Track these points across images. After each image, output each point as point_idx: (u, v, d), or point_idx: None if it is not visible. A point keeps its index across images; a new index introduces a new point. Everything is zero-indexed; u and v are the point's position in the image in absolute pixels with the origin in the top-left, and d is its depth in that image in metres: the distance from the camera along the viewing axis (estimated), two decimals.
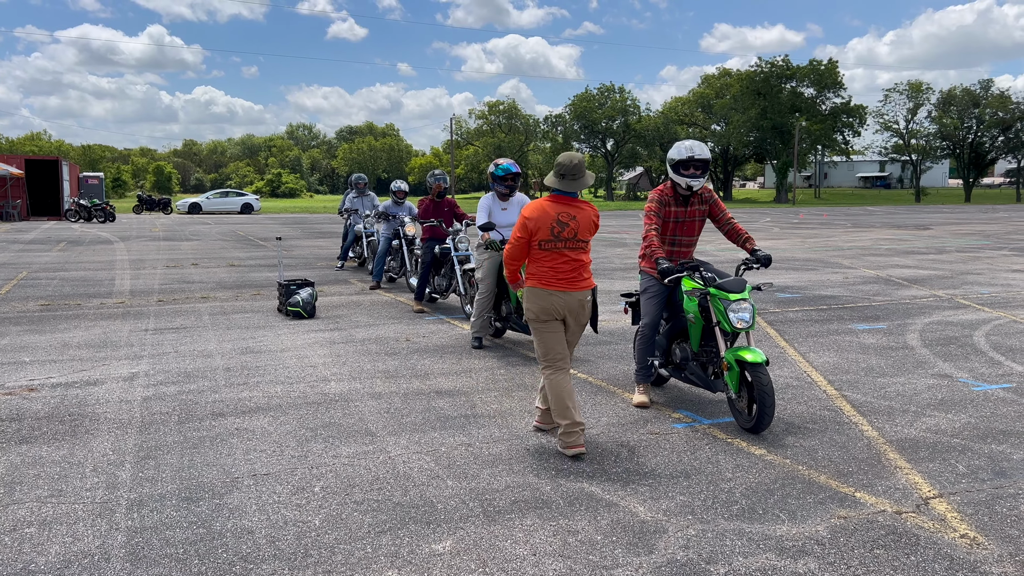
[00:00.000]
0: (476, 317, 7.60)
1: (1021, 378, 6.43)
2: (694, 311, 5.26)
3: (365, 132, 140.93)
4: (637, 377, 5.68)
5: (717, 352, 5.22)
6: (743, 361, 4.87)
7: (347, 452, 4.67)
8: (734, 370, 4.97)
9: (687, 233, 5.62)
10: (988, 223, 31.84)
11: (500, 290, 7.64)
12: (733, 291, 5.05)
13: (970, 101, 77.37)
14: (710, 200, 5.61)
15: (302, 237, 24.31)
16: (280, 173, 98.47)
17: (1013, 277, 13.27)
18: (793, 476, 4.30)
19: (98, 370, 6.67)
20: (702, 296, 5.20)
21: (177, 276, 13.58)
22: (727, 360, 5.01)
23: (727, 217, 5.62)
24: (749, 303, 5.03)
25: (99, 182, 44.79)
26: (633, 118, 79.76)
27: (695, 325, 5.31)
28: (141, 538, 3.54)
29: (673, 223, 5.57)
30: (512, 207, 7.75)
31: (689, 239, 5.65)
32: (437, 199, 9.84)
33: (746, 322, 4.99)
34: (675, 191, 5.53)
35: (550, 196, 4.75)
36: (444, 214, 9.87)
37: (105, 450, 4.69)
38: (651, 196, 5.53)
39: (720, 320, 5.07)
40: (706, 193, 5.61)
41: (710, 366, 5.33)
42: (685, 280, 5.39)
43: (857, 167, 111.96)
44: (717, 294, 5.08)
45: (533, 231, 4.65)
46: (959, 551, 3.43)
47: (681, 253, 5.67)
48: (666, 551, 3.43)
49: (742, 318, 4.99)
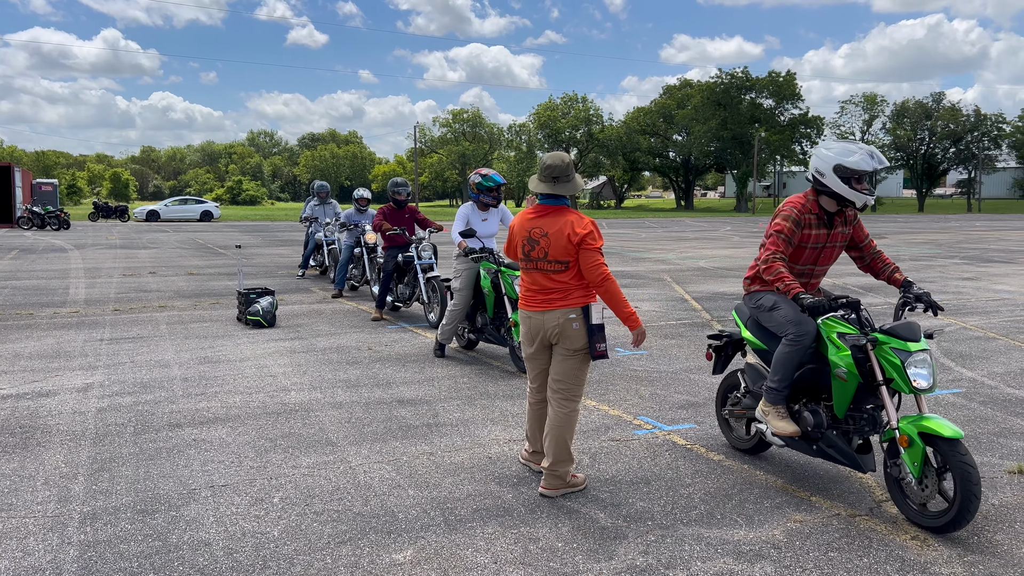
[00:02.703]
0: (447, 324, 7.46)
1: (971, 383, 6.60)
2: (848, 364, 3.97)
3: (328, 139, 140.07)
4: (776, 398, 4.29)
5: (872, 420, 4.10)
6: (934, 436, 3.66)
7: (307, 462, 4.63)
8: (917, 446, 3.73)
9: (824, 262, 4.42)
10: (940, 232, 32.67)
11: (476, 301, 7.52)
12: (911, 339, 3.86)
13: (923, 113, 79.46)
14: (854, 221, 4.41)
15: (263, 245, 24.04)
16: (241, 180, 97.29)
17: (963, 285, 13.63)
18: (751, 481, 4.37)
19: (51, 381, 6.52)
20: (860, 345, 3.94)
21: (134, 285, 13.34)
22: (905, 433, 3.76)
23: (872, 245, 4.46)
24: (930, 357, 3.90)
25: (53, 189, 43.78)
26: (596, 127, 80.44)
27: (847, 383, 4.00)
28: (94, 552, 3.47)
29: (811, 249, 4.32)
30: (492, 216, 7.61)
31: (824, 269, 4.46)
32: (397, 207, 9.83)
33: (928, 382, 3.81)
34: (821, 208, 4.30)
35: (534, 206, 4.26)
36: (406, 221, 9.84)
37: (57, 463, 4.59)
38: (787, 213, 4.25)
39: (895, 378, 3.84)
40: (850, 212, 4.40)
41: (855, 437, 4.15)
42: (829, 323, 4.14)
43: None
44: (889, 342, 3.88)
45: (514, 245, 4.33)
46: (910, 552, 3.52)
47: (811, 287, 4.51)
48: (626, 557, 3.46)
49: (923, 376, 3.81)
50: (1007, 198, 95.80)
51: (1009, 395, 6.22)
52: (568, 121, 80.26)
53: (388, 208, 9.81)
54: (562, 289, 4.10)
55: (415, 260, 9.41)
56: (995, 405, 5.93)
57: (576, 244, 4.03)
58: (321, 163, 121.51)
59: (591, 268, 4.04)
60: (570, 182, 4.14)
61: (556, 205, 4.17)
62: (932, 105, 79.77)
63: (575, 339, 4.10)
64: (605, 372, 6.90)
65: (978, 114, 78.59)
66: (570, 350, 4.12)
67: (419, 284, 9.41)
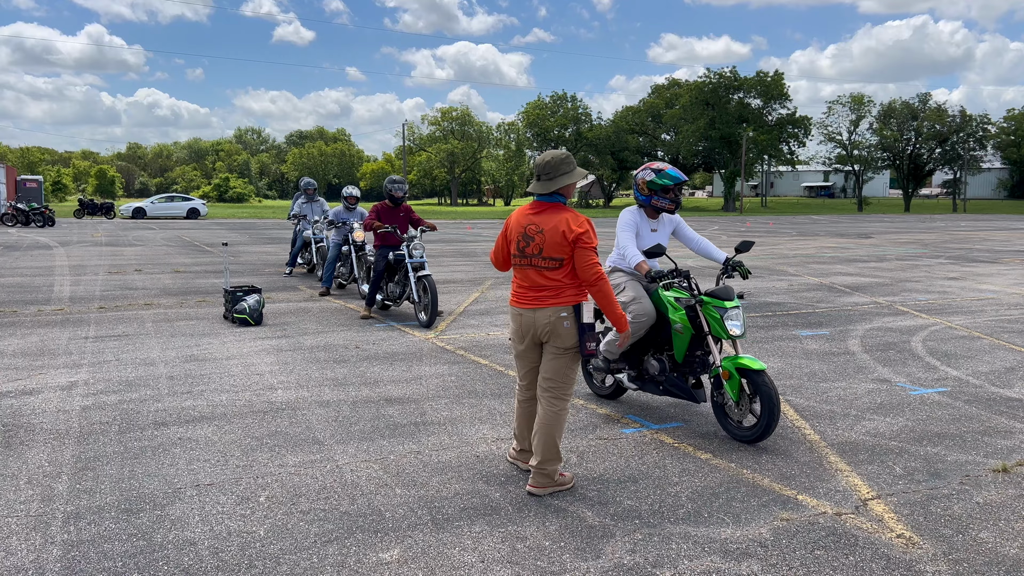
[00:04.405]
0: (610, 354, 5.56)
1: (956, 382, 6.65)
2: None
3: (315, 137, 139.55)
4: None
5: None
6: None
7: (294, 461, 4.60)
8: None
9: None
10: (926, 232, 32.90)
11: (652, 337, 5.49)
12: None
13: (909, 114, 79.98)
14: None
15: (250, 243, 23.92)
16: (228, 178, 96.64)
17: (948, 285, 13.73)
18: (738, 480, 4.38)
19: (35, 379, 6.46)
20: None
21: (119, 282, 13.24)
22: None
23: None
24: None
25: (38, 185, 43.49)
26: (585, 127, 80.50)
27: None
28: (78, 551, 3.44)
29: None
30: (663, 227, 5.78)
31: None
32: (393, 205, 9.74)
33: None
34: None
35: (531, 203, 4.26)
36: (399, 220, 9.74)
37: (41, 462, 4.55)
38: None
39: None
40: None
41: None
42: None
43: (802, 177, 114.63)
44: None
45: (509, 240, 4.28)
46: (895, 551, 3.53)
47: None
48: (613, 555, 3.46)
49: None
50: (992, 199, 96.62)
51: (994, 394, 6.27)
52: (557, 120, 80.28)
53: (383, 206, 9.73)
54: (554, 287, 4.09)
55: (406, 259, 9.38)
56: (980, 404, 5.97)
57: (571, 242, 4.02)
58: (309, 161, 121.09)
59: (586, 267, 4.04)
60: (559, 177, 4.10)
61: (551, 203, 4.15)
62: (918, 106, 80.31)
63: (566, 338, 4.09)
64: None
65: (963, 115, 79.18)
66: (561, 348, 4.12)
67: (410, 283, 9.37)
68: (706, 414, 5.61)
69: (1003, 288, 13.34)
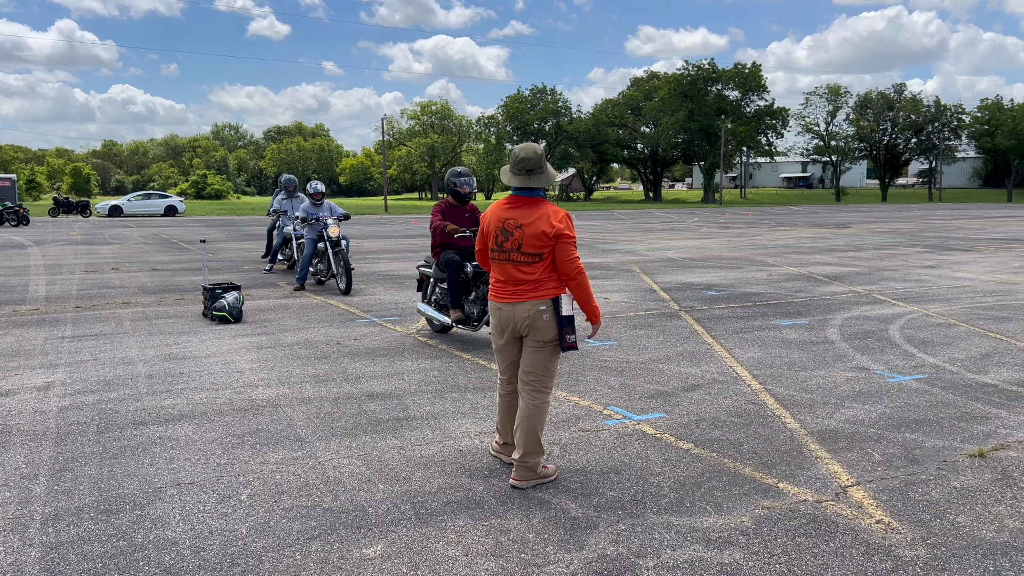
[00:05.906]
0: None
1: (933, 369, 6.73)
2: None
3: (294, 132, 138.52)
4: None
5: None
6: None
7: (275, 458, 4.58)
8: None
9: None
10: (903, 221, 33.24)
11: None
12: None
13: (885, 104, 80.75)
14: None
15: (229, 240, 23.73)
16: (205, 174, 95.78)
17: (925, 273, 13.89)
18: (719, 469, 4.41)
19: (10, 380, 6.38)
20: None
21: (96, 281, 13.09)
22: None
23: None
24: None
25: (11, 184, 42.87)
26: (565, 120, 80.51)
27: None
28: (57, 553, 3.40)
29: None
30: None
31: None
32: (458, 203, 7.96)
33: None
34: None
35: (508, 197, 4.24)
36: (465, 220, 7.99)
37: (17, 463, 4.49)
38: None
39: None
40: None
41: None
42: None
43: (781, 168, 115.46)
44: None
45: (486, 234, 4.25)
46: (875, 536, 3.58)
47: None
48: (597, 546, 3.48)
49: None
50: (966, 187, 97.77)
51: (970, 380, 6.35)
52: (537, 113, 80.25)
53: (446, 204, 7.96)
54: (532, 281, 4.08)
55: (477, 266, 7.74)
56: (956, 390, 6.05)
57: (552, 237, 4.00)
58: (287, 156, 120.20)
59: (567, 262, 4.04)
60: (544, 173, 4.11)
61: (530, 197, 4.13)
62: (894, 96, 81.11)
63: (545, 331, 4.09)
64: (575, 363, 6.92)
65: (938, 105, 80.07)
66: (540, 342, 4.11)
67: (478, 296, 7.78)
68: (688, 404, 5.64)
69: (978, 276, 13.52)
